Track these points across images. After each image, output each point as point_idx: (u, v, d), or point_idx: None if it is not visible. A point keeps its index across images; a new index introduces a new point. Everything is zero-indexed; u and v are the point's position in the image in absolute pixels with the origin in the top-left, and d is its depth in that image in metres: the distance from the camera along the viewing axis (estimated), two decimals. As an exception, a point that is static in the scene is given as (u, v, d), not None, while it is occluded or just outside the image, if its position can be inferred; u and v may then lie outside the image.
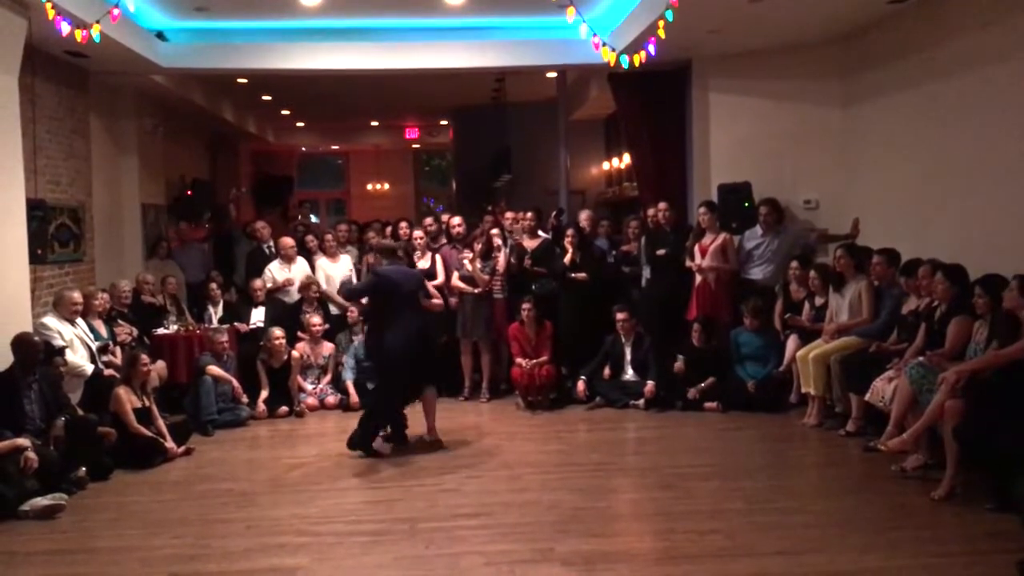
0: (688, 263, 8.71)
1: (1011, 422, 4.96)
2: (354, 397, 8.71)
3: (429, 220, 9.86)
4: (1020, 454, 4.77)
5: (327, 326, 9.18)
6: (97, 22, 6.62)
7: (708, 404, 8.16)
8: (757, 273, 8.76)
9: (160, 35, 9.42)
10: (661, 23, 6.67)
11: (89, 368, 7.42)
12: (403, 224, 9.83)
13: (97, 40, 6.69)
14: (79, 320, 7.66)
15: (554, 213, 10.35)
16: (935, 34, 7.49)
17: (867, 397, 6.56)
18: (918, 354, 6.25)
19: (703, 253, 8.61)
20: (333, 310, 9.60)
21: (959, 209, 7.22)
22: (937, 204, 7.54)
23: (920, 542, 4.77)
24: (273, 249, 10.13)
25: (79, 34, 6.53)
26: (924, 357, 6.05)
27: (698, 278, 8.66)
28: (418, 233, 9.25)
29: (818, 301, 7.85)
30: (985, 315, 5.76)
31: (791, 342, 7.92)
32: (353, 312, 8.69)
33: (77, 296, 7.69)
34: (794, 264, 8.25)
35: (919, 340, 6.42)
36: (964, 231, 7.10)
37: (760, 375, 8.15)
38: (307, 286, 9.37)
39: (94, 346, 7.64)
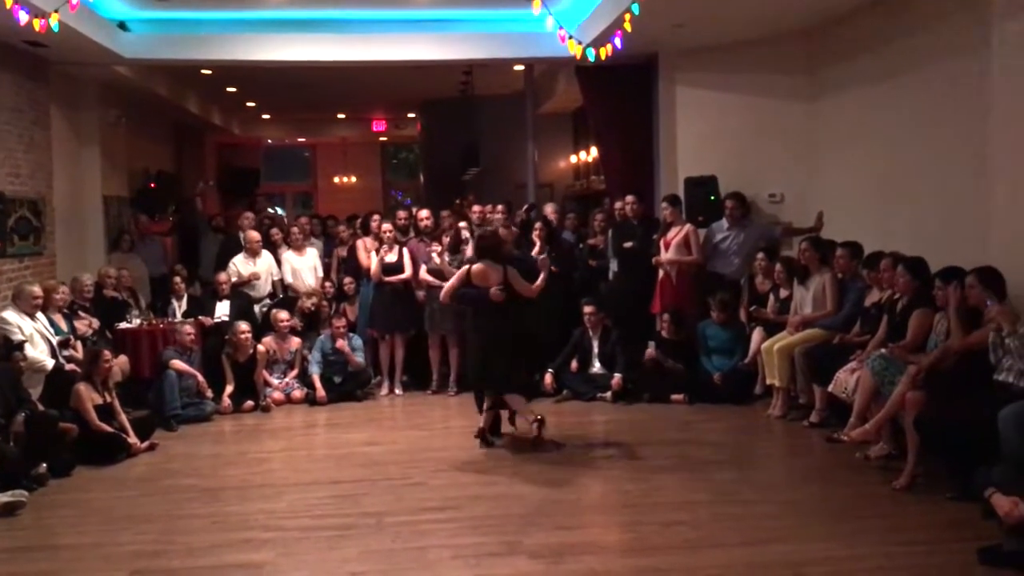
0: (654, 258, 8.74)
1: (971, 413, 5.03)
2: (320, 392, 8.67)
3: (402, 213, 9.84)
4: (979, 444, 4.83)
5: (294, 321, 9.13)
6: (56, 11, 6.51)
7: (675, 396, 8.22)
8: (723, 266, 8.83)
9: (122, 25, 9.26)
10: (627, 16, 6.70)
11: (50, 363, 7.31)
12: (375, 217, 9.79)
13: (56, 29, 6.59)
14: (39, 314, 7.54)
15: (525, 207, 10.35)
16: (896, 30, 7.57)
17: (830, 388, 6.63)
18: (880, 346, 6.33)
19: (667, 247, 8.65)
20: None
21: (920, 202, 7.30)
22: (898, 198, 7.62)
23: (882, 531, 4.84)
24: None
25: (37, 23, 6.43)
26: (886, 349, 6.13)
27: (661, 272, 8.70)
28: (387, 226, 9.21)
29: (783, 294, 7.92)
30: (944, 307, 5.84)
31: (756, 334, 7.99)
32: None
33: (37, 290, 7.57)
34: (760, 256, 8.31)
35: (881, 332, 6.49)
36: (925, 224, 7.19)
37: (726, 367, 8.22)
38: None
39: (55, 340, 7.53)
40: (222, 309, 9.27)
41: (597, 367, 8.59)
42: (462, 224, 9.36)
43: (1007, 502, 4.04)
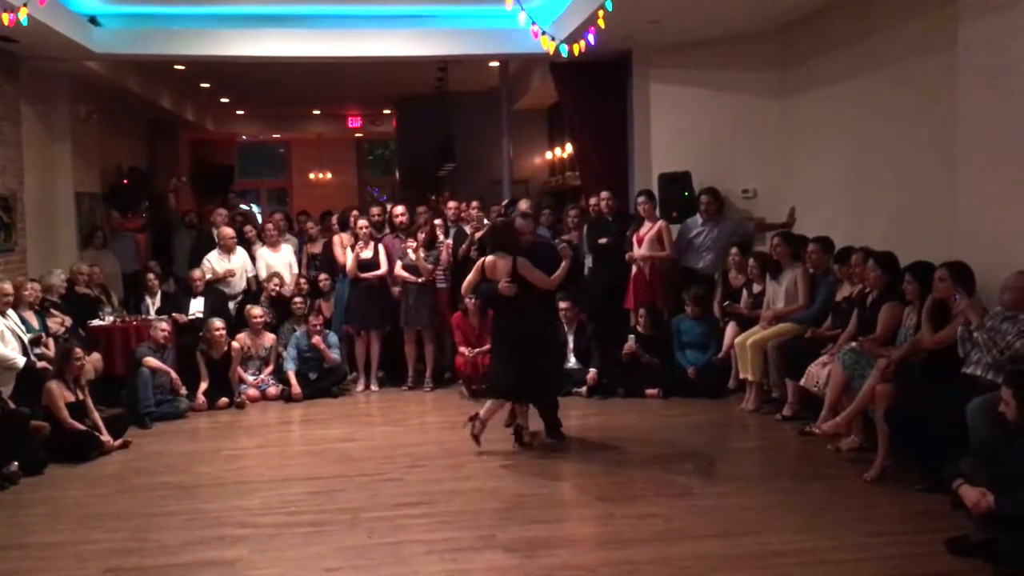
0: (627, 254, 8.77)
1: (939, 406, 5.10)
2: (296, 388, 8.65)
3: (376, 210, 9.82)
4: (948, 437, 4.90)
5: (269, 318, 9.09)
6: (24, 4, 6.43)
7: (649, 391, 8.27)
8: (697, 261, 8.87)
9: (93, 20, 9.16)
10: (601, 13, 6.70)
11: (21, 360, 7.22)
12: (354, 212, 9.75)
13: (25, 23, 6.52)
14: (10, 311, 7.46)
15: (504, 203, 10.35)
16: (867, 27, 7.64)
17: (802, 382, 6.70)
18: (851, 340, 6.40)
19: (639, 242, 8.69)
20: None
21: (890, 198, 7.38)
22: (869, 193, 7.70)
23: (853, 522, 4.90)
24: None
25: (6, 17, 6.34)
26: (856, 343, 6.20)
27: (634, 267, 8.73)
28: (362, 222, 9.18)
29: (756, 288, 7.98)
30: (914, 301, 5.91)
31: (730, 329, 8.05)
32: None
33: (8, 287, 7.48)
34: (734, 251, 8.36)
35: (852, 326, 6.56)
36: (895, 219, 7.27)
37: (700, 362, 8.27)
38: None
39: (26, 338, 7.45)
40: (196, 306, 9.22)
41: (572, 362, 8.62)
42: (437, 220, 9.35)
43: (975, 493, 4.10)
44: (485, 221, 9.20)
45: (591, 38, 7.00)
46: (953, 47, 6.30)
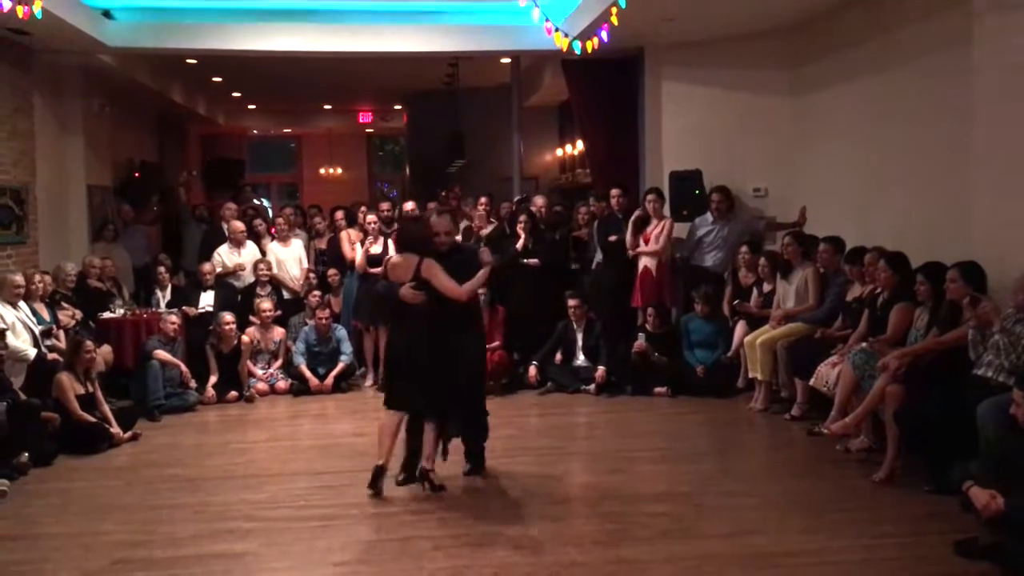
0: (631, 251, 8.74)
1: (949, 408, 5.07)
2: (313, 381, 8.66)
3: (385, 205, 9.83)
4: (958, 438, 4.88)
5: (279, 312, 9.12)
6: (39, -3, 6.47)
7: (657, 389, 8.25)
8: (707, 260, 8.85)
9: (106, 13, 9.19)
10: (614, 10, 6.71)
11: (32, 352, 7.27)
12: (362, 208, 9.74)
13: (39, 16, 6.55)
14: (21, 303, 7.50)
15: (516, 200, 10.35)
16: (880, 25, 7.61)
17: (812, 382, 6.69)
18: (861, 340, 6.38)
19: (646, 241, 8.67)
20: (285, 295, 9.56)
21: (902, 198, 7.35)
22: (881, 193, 7.67)
23: (861, 523, 4.89)
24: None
25: (20, 10, 6.37)
26: (867, 343, 6.18)
27: (640, 265, 8.72)
28: (371, 218, 9.19)
29: (766, 287, 7.96)
30: (926, 301, 5.89)
31: (739, 328, 8.03)
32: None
33: (19, 279, 7.52)
34: (744, 249, 8.34)
35: (862, 326, 6.54)
36: (907, 219, 7.24)
37: (709, 360, 8.25)
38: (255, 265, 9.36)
39: (37, 330, 7.49)
40: (206, 299, 9.24)
41: (581, 360, 8.62)
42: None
43: (985, 495, 4.08)
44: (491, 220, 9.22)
45: (604, 35, 6.99)
46: (967, 45, 6.25)
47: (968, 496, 4.19)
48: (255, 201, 13.89)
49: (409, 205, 9.69)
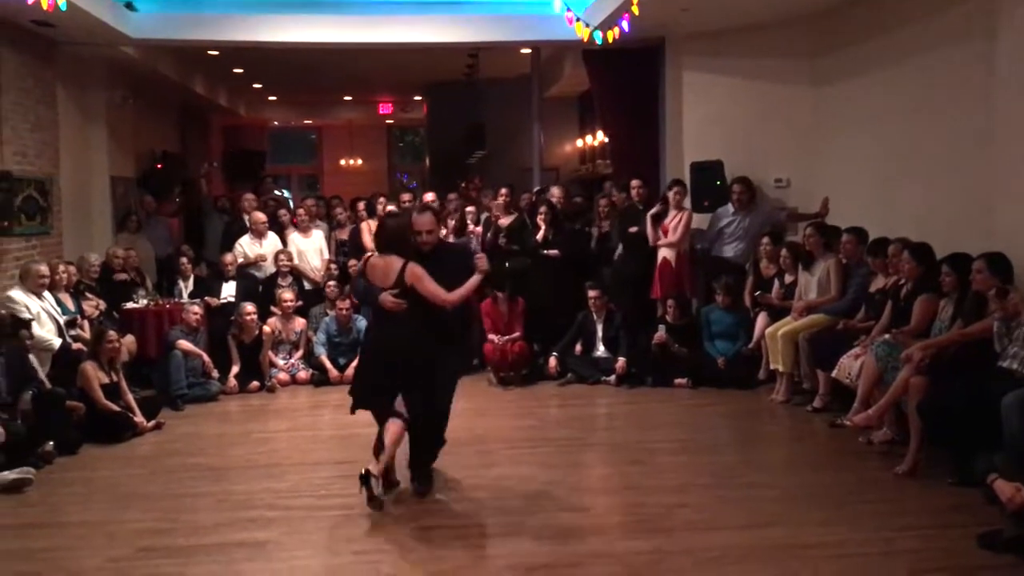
0: (652, 243, 8.72)
1: (973, 400, 5.03)
2: (333, 372, 8.69)
3: (406, 196, 9.85)
4: (982, 431, 4.84)
5: (299, 303, 9.16)
6: (64, -10, 6.51)
7: (678, 380, 8.23)
8: (728, 251, 8.82)
9: (129, 5, 9.23)
10: (635, 0, 6.67)
11: (57, 342, 7.34)
12: (381, 199, 9.76)
13: (63, 8, 6.60)
14: (46, 293, 7.57)
15: (536, 190, 10.33)
16: (902, 15, 7.53)
17: (834, 374, 6.65)
18: (884, 331, 6.33)
19: (665, 232, 8.65)
20: (306, 285, 9.59)
21: (925, 188, 7.28)
22: (904, 183, 7.60)
23: (883, 516, 4.86)
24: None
25: (45, 2, 6.44)
26: (890, 335, 6.14)
27: (659, 257, 8.69)
28: (391, 208, 9.20)
29: (787, 279, 7.91)
30: (951, 293, 5.84)
31: (760, 319, 8.00)
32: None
33: (44, 269, 7.60)
34: (765, 241, 8.30)
35: (885, 318, 6.50)
36: (930, 210, 7.17)
37: (730, 352, 8.23)
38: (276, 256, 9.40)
39: (62, 320, 7.56)
40: (228, 290, 9.30)
41: (601, 351, 8.61)
42: (469, 208, 9.35)
43: (1009, 488, 4.06)
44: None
45: (625, 25, 6.97)
46: (991, 36, 6.20)
47: (992, 489, 4.16)
48: (276, 192, 13.92)
49: (429, 196, 9.70)
